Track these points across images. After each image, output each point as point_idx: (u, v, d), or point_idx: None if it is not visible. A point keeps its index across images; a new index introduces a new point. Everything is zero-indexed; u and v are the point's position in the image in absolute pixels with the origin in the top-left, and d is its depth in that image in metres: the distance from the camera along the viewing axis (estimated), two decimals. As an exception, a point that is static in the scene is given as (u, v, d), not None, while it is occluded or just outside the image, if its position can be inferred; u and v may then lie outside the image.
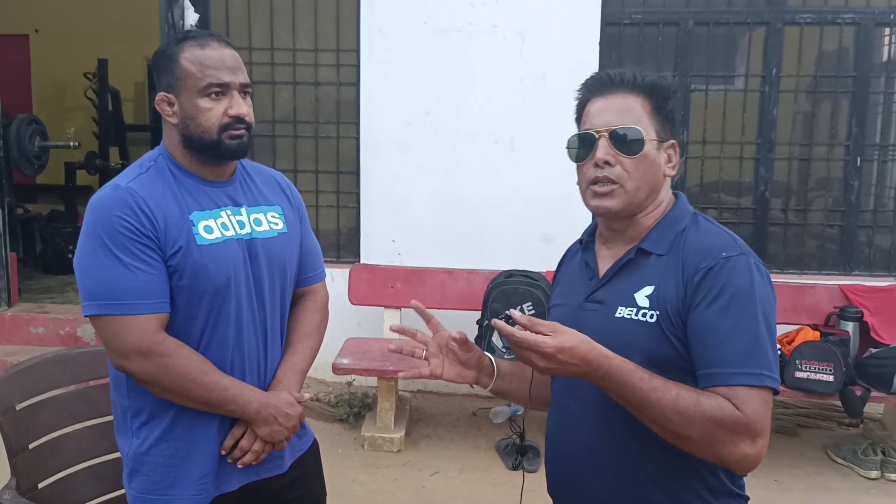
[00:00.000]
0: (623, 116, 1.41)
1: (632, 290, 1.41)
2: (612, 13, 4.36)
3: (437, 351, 1.53)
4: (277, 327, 1.77)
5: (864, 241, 4.54)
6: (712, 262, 1.32)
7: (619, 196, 1.41)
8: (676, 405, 1.25)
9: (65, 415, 1.97)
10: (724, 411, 1.24)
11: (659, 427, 1.28)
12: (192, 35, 1.63)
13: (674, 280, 1.36)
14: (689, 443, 1.27)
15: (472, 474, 3.56)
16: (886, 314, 3.96)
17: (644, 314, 1.37)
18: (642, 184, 1.42)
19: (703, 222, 1.45)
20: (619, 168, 1.40)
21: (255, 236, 1.70)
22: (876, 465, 3.58)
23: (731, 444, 1.24)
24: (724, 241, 1.37)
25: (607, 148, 1.41)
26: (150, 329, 1.54)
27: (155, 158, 1.66)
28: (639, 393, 1.26)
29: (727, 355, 1.27)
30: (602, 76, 1.47)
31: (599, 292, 1.46)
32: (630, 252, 1.45)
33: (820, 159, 4.52)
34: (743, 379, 1.26)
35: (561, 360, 1.24)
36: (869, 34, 4.36)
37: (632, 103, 1.42)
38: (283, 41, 4.58)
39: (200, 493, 1.63)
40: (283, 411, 1.67)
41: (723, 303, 1.29)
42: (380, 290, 4.28)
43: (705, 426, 1.24)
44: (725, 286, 1.30)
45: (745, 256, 1.34)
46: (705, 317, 1.30)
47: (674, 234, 1.42)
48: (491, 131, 4.36)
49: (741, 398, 1.24)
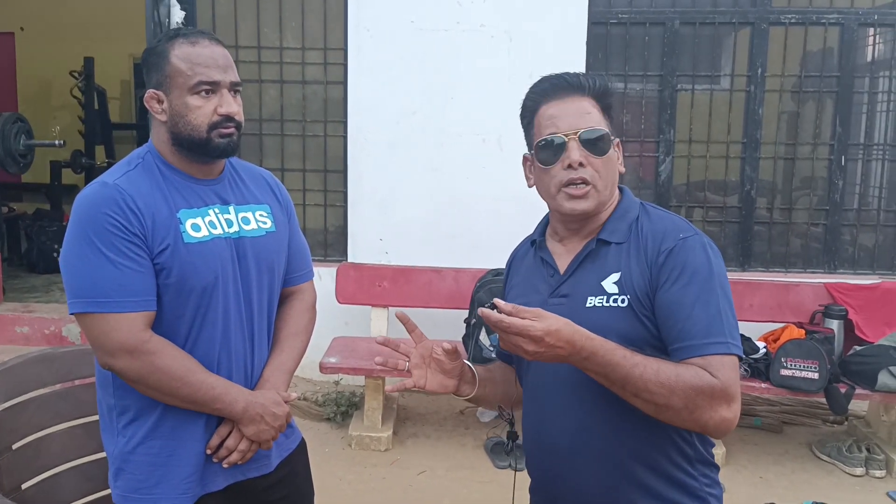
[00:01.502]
0: (586, 119, 1.47)
1: (597, 279, 1.46)
2: (599, 13, 4.38)
3: (420, 362, 1.53)
4: (265, 326, 1.76)
5: (848, 239, 4.57)
6: (672, 244, 1.41)
7: (592, 197, 1.47)
8: (658, 377, 1.30)
9: (49, 414, 1.95)
10: (702, 379, 1.30)
11: (640, 400, 1.32)
12: (183, 32, 1.62)
13: (637, 264, 1.43)
14: (671, 412, 1.32)
15: (460, 473, 3.56)
16: (871, 312, 4.00)
17: (615, 300, 1.42)
18: (609, 182, 1.49)
19: (651, 209, 1.53)
20: (590, 169, 1.46)
21: (243, 235, 1.69)
22: (860, 462, 3.61)
23: (710, 410, 1.31)
24: (677, 223, 1.47)
25: (579, 149, 1.45)
26: (136, 327, 1.53)
27: (143, 156, 1.65)
28: (622, 370, 1.30)
29: (695, 328, 1.35)
30: (557, 80, 1.50)
31: (564, 286, 1.50)
32: (589, 244, 1.50)
33: (805, 158, 4.55)
34: (713, 348, 1.33)
35: (549, 343, 1.27)
36: (853, 34, 4.39)
37: (588, 106, 1.48)
38: (270, 39, 4.57)
39: (186, 492, 1.62)
40: (269, 410, 1.67)
41: (685, 280, 1.38)
42: (367, 288, 4.28)
43: (687, 395, 1.30)
44: (686, 265, 1.39)
45: (699, 236, 1.43)
46: (671, 294, 1.38)
47: (628, 223, 1.49)
48: (478, 130, 4.37)
49: (714, 366, 1.32)
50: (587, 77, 1.49)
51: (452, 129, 4.37)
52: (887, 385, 3.51)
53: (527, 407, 1.60)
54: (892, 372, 3.51)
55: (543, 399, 1.53)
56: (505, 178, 4.31)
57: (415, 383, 1.51)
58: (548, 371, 1.48)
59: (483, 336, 3.71)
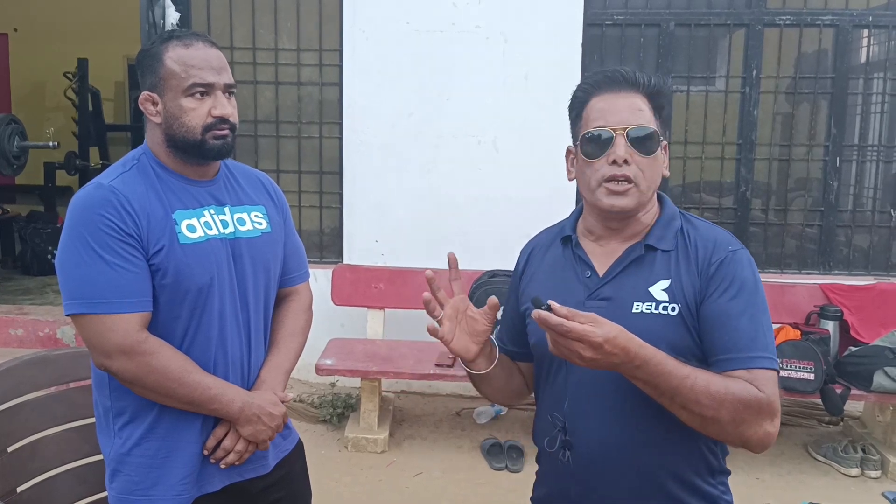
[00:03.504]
0: (637, 116, 1.43)
1: (645, 285, 1.43)
2: (594, 14, 4.38)
3: (453, 314, 1.47)
4: (261, 327, 1.76)
5: (843, 240, 4.58)
6: (723, 255, 1.41)
7: (633, 195, 1.43)
8: (709, 389, 1.28)
9: (44, 417, 1.94)
10: (750, 393, 1.30)
11: (687, 412, 1.30)
12: (177, 34, 1.62)
13: (687, 273, 1.42)
14: (717, 425, 1.30)
15: (456, 475, 3.56)
16: (866, 313, 4.00)
17: (665, 307, 1.40)
18: (652, 183, 1.46)
19: (693, 219, 1.51)
20: (634, 167, 1.42)
21: (238, 236, 1.69)
22: (856, 462, 3.62)
23: (756, 424, 1.31)
24: (725, 235, 1.46)
25: (626, 146, 1.41)
26: (132, 328, 1.53)
27: (138, 157, 1.65)
28: (674, 380, 1.27)
29: (741, 340, 1.35)
30: (612, 73, 1.46)
31: (605, 289, 1.45)
32: (635, 248, 1.47)
33: (799, 160, 4.56)
34: (759, 362, 1.33)
35: (607, 350, 1.22)
36: (847, 36, 4.40)
37: (640, 103, 1.44)
38: (265, 41, 4.56)
39: (182, 493, 1.62)
40: (266, 411, 1.67)
41: (733, 292, 1.37)
42: (363, 290, 4.27)
43: (736, 408, 1.29)
44: (735, 277, 1.39)
45: (744, 250, 1.44)
46: (719, 305, 1.38)
47: (674, 230, 1.47)
48: (474, 132, 4.36)
49: (760, 380, 1.32)
50: (642, 74, 1.46)
51: (448, 130, 4.37)
52: (883, 386, 3.52)
53: (549, 413, 1.52)
54: (888, 372, 3.52)
55: (572, 405, 1.47)
56: (500, 180, 4.34)
57: (443, 335, 1.44)
58: (581, 377, 1.43)
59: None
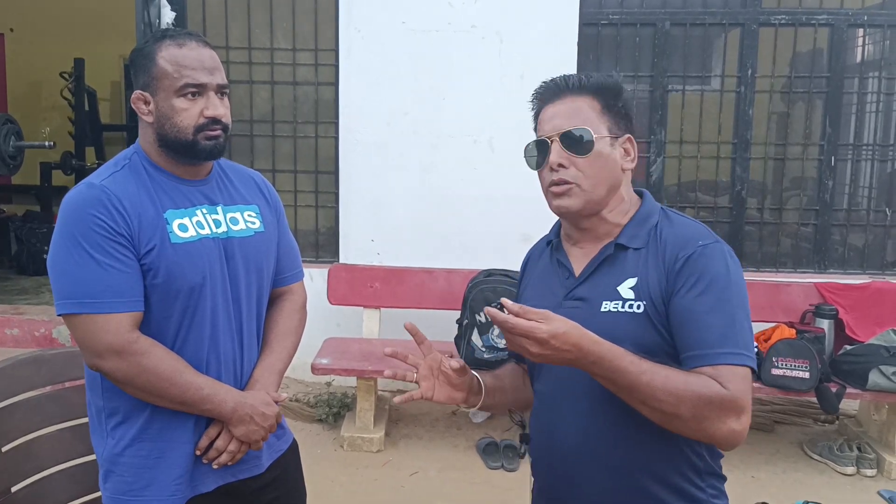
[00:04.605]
0: (572, 119, 1.45)
1: (614, 284, 1.44)
2: (590, 14, 4.38)
3: (429, 373, 1.51)
4: (254, 327, 1.76)
5: (838, 239, 4.59)
6: (690, 251, 1.39)
7: (576, 195, 1.46)
8: (666, 385, 1.28)
9: (39, 417, 1.94)
10: (711, 389, 1.29)
11: (648, 408, 1.31)
12: (170, 34, 1.61)
13: (655, 271, 1.41)
14: (678, 421, 1.30)
15: (452, 474, 3.56)
16: (861, 312, 4.01)
17: (631, 305, 1.41)
18: (599, 181, 1.46)
19: (672, 215, 1.50)
20: (573, 169, 1.45)
21: (231, 235, 1.69)
22: (851, 461, 3.63)
23: (719, 421, 1.29)
24: (698, 230, 1.44)
25: (559, 151, 1.45)
26: (124, 328, 1.53)
27: (129, 157, 1.65)
28: (630, 376, 1.29)
29: (708, 336, 1.33)
30: (550, 83, 1.51)
31: (579, 290, 1.48)
32: (607, 248, 1.47)
33: (795, 159, 4.57)
34: (725, 358, 1.31)
35: (554, 345, 1.26)
36: (842, 35, 4.41)
37: (580, 105, 1.46)
38: (260, 40, 4.56)
39: (175, 493, 1.62)
40: (259, 411, 1.66)
41: (701, 287, 1.36)
42: (359, 289, 4.27)
43: (695, 404, 1.28)
44: (703, 272, 1.36)
45: (719, 244, 1.41)
46: (686, 302, 1.36)
47: (647, 228, 1.47)
48: (470, 131, 4.37)
49: (725, 376, 1.30)
50: (580, 75, 1.48)
51: (444, 130, 4.37)
52: (878, 384, 3.53)
53: (537, 409, 1.58)
54: (883, 371, 3.52)
55: (555, 403, 1.52)
56: (496, 179, 4.34)
57: (423, 395, 1.49)
58: (560, 375, 1.47)
59: (475, 336, 3.71)
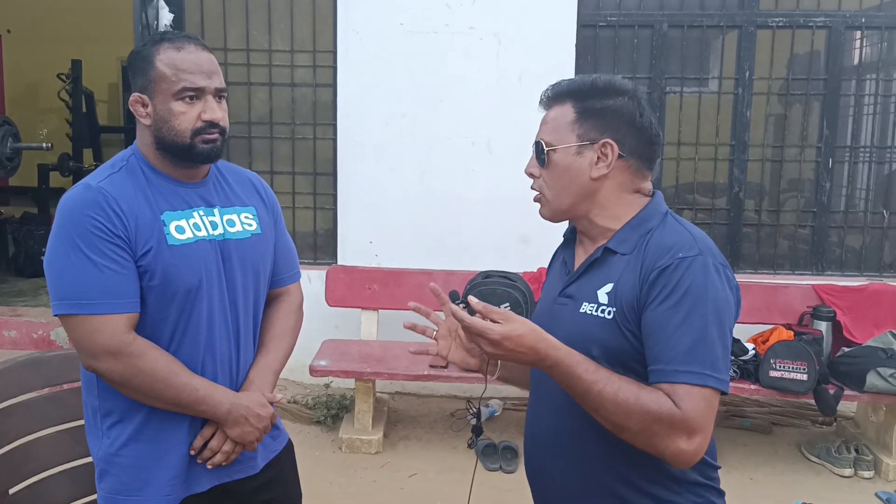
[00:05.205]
0: (544, 129, 1.49)
1: (595, 286, 1.45)
2: (588, 15, 4.39)
3: (447, 334, 1.58)
4: (250, 328, 1.76)
5: (835, 241, 4.60)
6: (667, 262, 1.34)
7: (543, 204, 1.51)
8: (616, 397, 1.29)
9: (37, 419, 1.94)
10: (661, 406, 1.27)
11: (600, 417, 1.33)
12: (169, 37, 1.61)
13: (632, 278, 1.39)
14: (628, 433, 1.31)
15: (451, 475, 3.56)
16: (859, 313, 4.02)
17: (603, 310, 1.41)
18: (559, 191, 1.47)
19: (670, 222, 1.45)
20: (540, 180, 1.50)
21: (228, 237, 1.69)
22: (849, 462, 3.63)
23: (667, 439, 1.28)
24: (684, 240, 1.38)
25: (532, 161, 1.51)
26: (120, 329, 1.53)
27: (127, 158, 1.65)
28: (582, 383, 1.30)
29: (671, 353, 1.30)
30: (543, 93, 1.53)
31: (571, 288, 1.51)
32: (598, 250, 1.48)
33: (792, 161, 4.58)
34: (684, 377, 1.29)
35: (507, 347, 1.29)
36: (840, 37, 4.42)
37: (558, 113, 1.48)
38: (258, 42, 4.56)
39: (170, 493, 1.62)
40: (254, 412, 1.67)
41: (673, 301, 1.32)
42: (357, 291, 4.27)
43: (643, 419, 1.28)
44: (678, 285, 1.32)
45: (702, 257, 1.35)
46: (656, 314, 1.34)
47: (640, 233, 1.43)
48: (467, 133, 4.37)
49: (680, 395, 1.28)
50: (569, 82, 1.50)
51: (441, 131, 4.38)
52: (875, 386, 3.53)
53: (530, 395, 1.63)
54: (881, 373, 3.53)
55: (539, 394, 1.57)
56: (494, 181, 4.34)
57: (439, 352, 1.56)
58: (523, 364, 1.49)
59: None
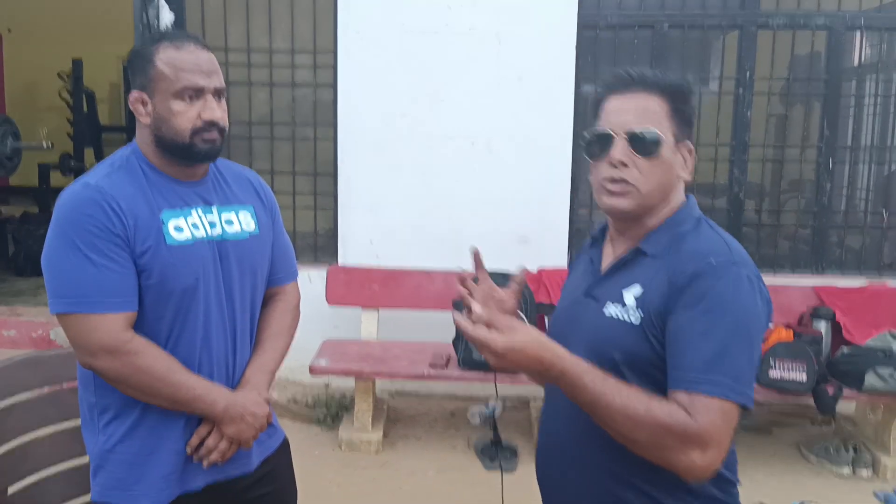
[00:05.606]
0: (642, 117, 1.39)
1: (622, 288, 1.40)
2: (588, 16, 4.38)
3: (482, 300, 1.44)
4: (247, 327, 1.77)
5: (835, 241, 4.60)
6: (697, 268, 1.31)
7: (632, 197, 1.40)
8: (625, 409, 1.24)
9: (35, 418, 1.94)
10: (674, 418, 1.23)
11: (609, 428, 1.28)
12: (169, 36, 1.62)
13: (661, 282, 1.34)
14: (638, 445, 1.27)
15: (450, 474, 3.56)
16: (858, 314, 4.02)
17: (629, 314, 1.37)
18: (656, 186, 1.41)
19: (704, 227, 1.42)
20: (634, 170, 1.39)
21: (226, 237, 1.69)
22: (848, 461, 3.64)
23: (679, 452, 1.23)
24: (717, 247, 1.35)
25: (624, 149, 1.39)
26: (117, 327, 1.54)
27: (126, 156, 1.65)
28: (589, 394, 1.25)
29: (692, 360, 1.26)
30: (622, 74, 1.44)
31: (597, 288, 1.47)
32: (630, 252, 1.44)
33: (793, 161, 4.58)
34: (703, 386, 1.24)
35: (511, 358, 1.24)
36: (840, 38, 4.41)
37: (651, 104, 1.40)
38: (259, 42, 4.56)
39: (164, 490, 1.63)
40: (250, 410, 1.67)
41: (700, 308, 1.28)
42: (357, 291, 4.27)
43: (654, 431, 1.23)
44: (706, 292, 1.28)
45: (736, 266, 1.31)
46: (680, 320, 1.29)
47: (672, 236, 1.40)
48: (467, 133, 4.37)
49: (697, 406, 1.23)
50: (656, 73, 1.42)
51: (441, 131, 4.37)
52: (874, 386, 3.53)
53: (544, 404, 1.60)
54: (879, 373, 3.53)
55: (555, 400, 1.53)
56: (494, 181, 4.34)
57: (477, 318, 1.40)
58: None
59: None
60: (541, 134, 4.32)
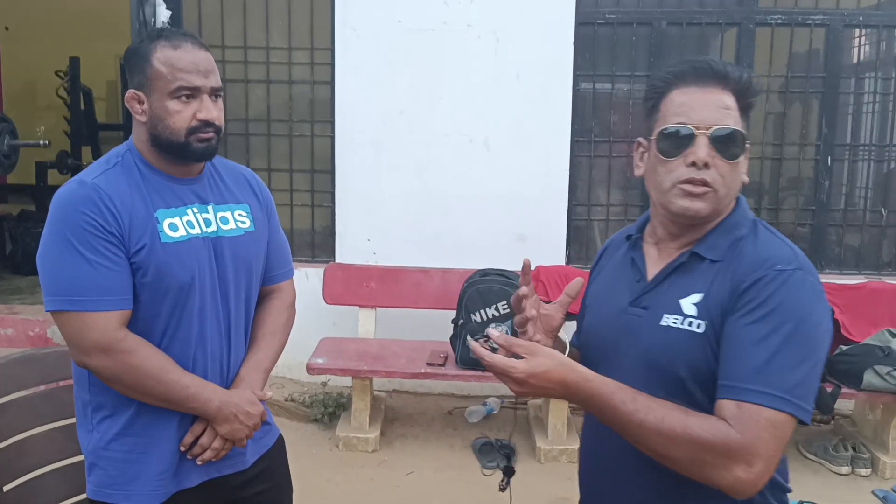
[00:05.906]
0: (724, 115, 1.29)
1: (678, 296, 1.31)
2: (586, 13, 4.38)
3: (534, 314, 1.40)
4: (242, 326, 1.76)
5: (834, 239, 4.59)
6: (763, 274, 1.23)
7: (710, 200, 1.29)
8: (660, 427, 1.18)
9: (31, 416, 1.94)
10: (715, 433, 1.16)
11: (644, 448, 1.22)
12: (166, 35, 1.61)
13: (724, 289, 1.26)
14: (676, 464, 1.20)
15: (448, 473, 3.56)
16: (856, 312, 4.01)
17: (691, 323, 1.27)
18: (731, 190, 1.32)
19: (762, 231, 1.34)
20: (714, 171, 1.28)
21: (221, 235, 1.69)
22: (846, 460, 3.63)
23: (721, 468, 1.16)
24: (783, 253, 1.27)
25: (708, 148, 1.28)
26: (111, 326, 1.53)
27: (122, 154, 1.65)
28: (620, 415, 1.20)
29: (744, 368, 1.18)
30: (701, 65, 1.32)
31: (646, 297, 1.37)
32: (683, 255, 1.34)
33: (791, 159, 4.57)
34: (752, 396, 1.16)
35: (533, 384, 1.19)
36: (838, 35, 4.41)
37: (728, 101, 1.31)
38: (256, 39, 4.54)
39: (159, 488, 1.63)
40: (244, 409, 1.67)
41: (759, 315, 1.20)
42: (354, 289, 4.26)
43: (692, 448, 1.17)
44: (769, 299, 1.21)
45: (802, 272, 1.24)
46: (737, 326, 1.22)
47: (730, 240, 1.32)
48: (465, 130, 4.36)
49: (744, 418, 1.16)
50: (735, 68, 1.31)
51: (439, 129, 4.37)
52: (873, 384, 3.53)
53: (587, 418, 1.51)
54: (878, 371, 3.52)
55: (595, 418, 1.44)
56: (492, 179, 4.34)
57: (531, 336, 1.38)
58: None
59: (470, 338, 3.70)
60: (539, 131, 4.31)
